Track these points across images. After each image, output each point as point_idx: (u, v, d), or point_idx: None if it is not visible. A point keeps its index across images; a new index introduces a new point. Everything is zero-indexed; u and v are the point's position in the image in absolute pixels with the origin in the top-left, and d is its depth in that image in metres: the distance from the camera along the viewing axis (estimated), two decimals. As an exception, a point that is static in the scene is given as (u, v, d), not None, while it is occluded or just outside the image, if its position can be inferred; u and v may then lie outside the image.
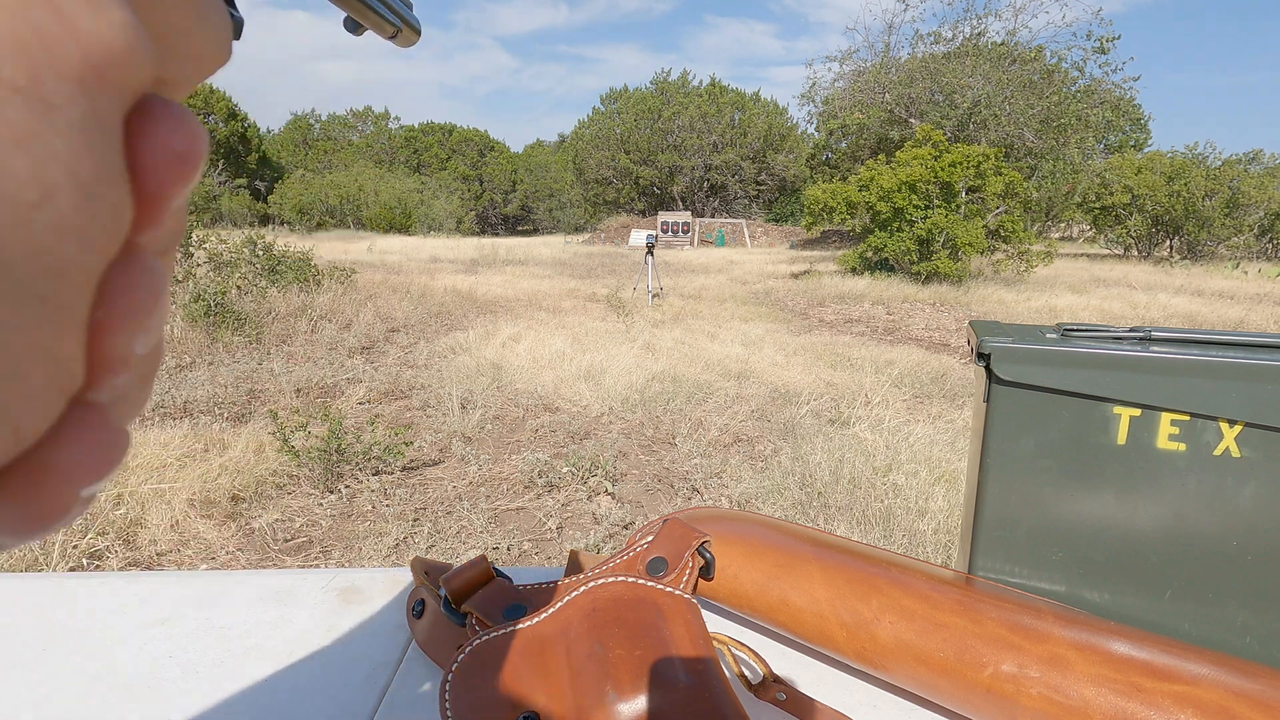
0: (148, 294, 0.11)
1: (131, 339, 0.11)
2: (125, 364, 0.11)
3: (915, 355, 5.81)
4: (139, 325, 0.11)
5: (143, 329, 0.11)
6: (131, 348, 0.11)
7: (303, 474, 3.14)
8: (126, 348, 0.11)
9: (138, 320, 0.11)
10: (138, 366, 0.12)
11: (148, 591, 0.61)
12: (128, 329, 0.11)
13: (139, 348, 0.11)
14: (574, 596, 0.48)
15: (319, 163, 42.62)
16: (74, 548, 2.38)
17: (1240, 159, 21.16)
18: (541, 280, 11.11)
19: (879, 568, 0.51)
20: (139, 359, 0.12)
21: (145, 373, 0.12)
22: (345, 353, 5.54)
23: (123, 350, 0.11)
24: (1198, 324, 7.89)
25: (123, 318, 0.11)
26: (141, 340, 0.11)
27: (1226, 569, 0.54)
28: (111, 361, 0.11)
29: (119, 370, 0.11)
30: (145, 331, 0.11)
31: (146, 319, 0.11)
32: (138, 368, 0.12)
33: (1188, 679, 0.40)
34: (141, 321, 0.11)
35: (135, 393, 0.12)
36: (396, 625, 0.57)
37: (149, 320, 0.11)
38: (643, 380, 4.67)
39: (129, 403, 0.12)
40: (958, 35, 23.35)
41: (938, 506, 2.76)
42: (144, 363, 0.12)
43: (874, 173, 12.03)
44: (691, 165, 33.09)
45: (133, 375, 0.12)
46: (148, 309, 0.11)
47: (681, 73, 36.76)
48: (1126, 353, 0.53)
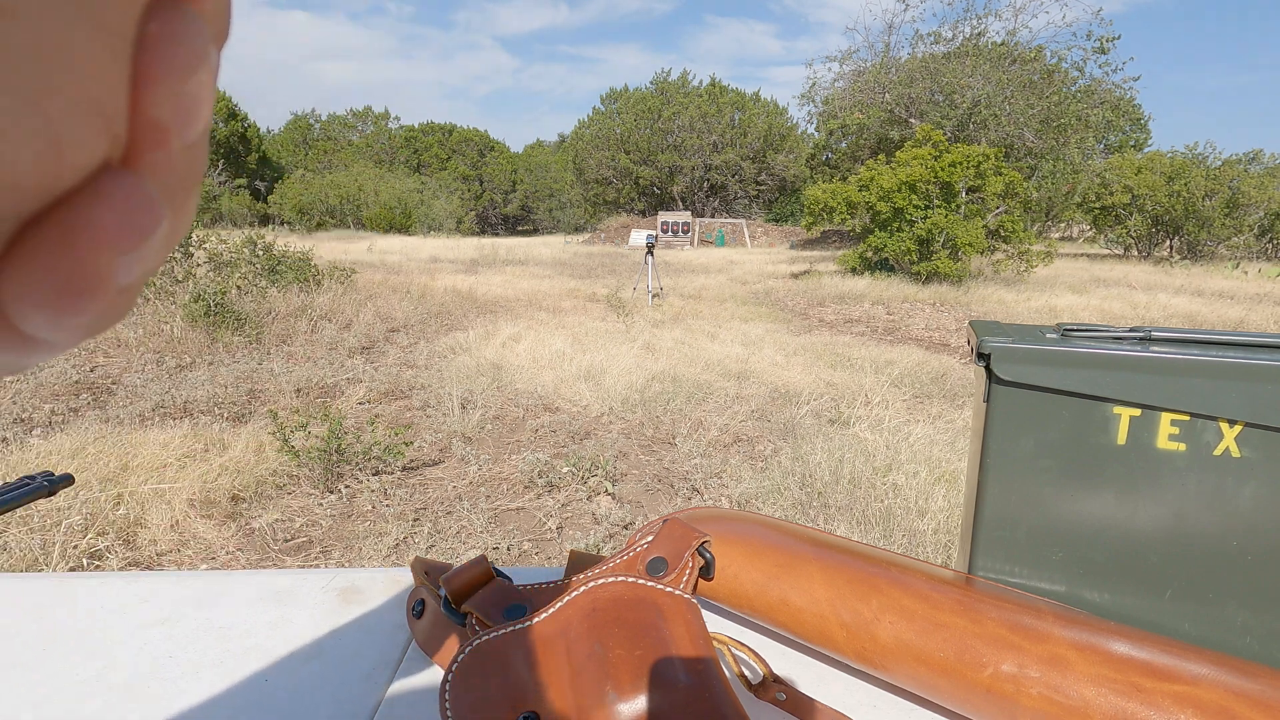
0: (190, 50, 0.11)
1: (174, 102, 0.11)
2: (165, 136, 0.11)
3: (915, 355, 5.81)
4: (181, 83, 0.11)
5: (185, 92, 0.11)
6: (175, 115, 0.11)
7: (303, 474, 3.14)
8: (169, 112, 0.11)
9: (180, 76, 0.11)
10: (179, 158, 0.12)
11: (148, 591, 0.61)
12: (171, 84, 0.11)
13: (182, 124, 0.11)
14: (574, 596, 0.48)
15: (319, 163, 42.62)
16: (74, 548, 2.38)
17: (1240, 159, 21.17)
18: (541, 280, 11.11)
19: (879, 568, 0.50)
20: (180, 149, 0.11)
21: (186, 173, 0.12)
22: (345, 353, 5.54)
23: (165, 114, 0.11)
24: (1198, 324, 7.89)
25: (166, 69, 0.10)
26: (184, 113, 0.11)
27: (1226, 569, 0.54)
28: (153, 127, 0.11)
29: (159, 142, 0.11)
30: (188, 99, 0.11)
31: (188, 78, 0.11)
32: (179, 159, 0.12)
33: (1188, 679, 0.40)
34: (184, 79, 0.11)
35: (176, 188, 0.12)
36: (396, 625, 0.57)
37: (191, 81, 0.11)
38: (643, 380, 4.67)
39: (169, 195, 0.12)
40: (958, 35, 23.36)
41: (938, 506, 2.76)
42: (185, 160, 0.12)
43: (874, 173, 12.03)
44: (691, 165, 33.09)
45: (174, 163, 0.11)
46: (190, 67, 0.11)
47: (681, 73, 36.79)
48: (1126, 353, 0.53)
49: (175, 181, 0.12)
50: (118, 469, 2.90)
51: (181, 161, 0.12)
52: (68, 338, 0.11)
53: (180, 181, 0.12)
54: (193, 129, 0.11)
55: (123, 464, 2.94)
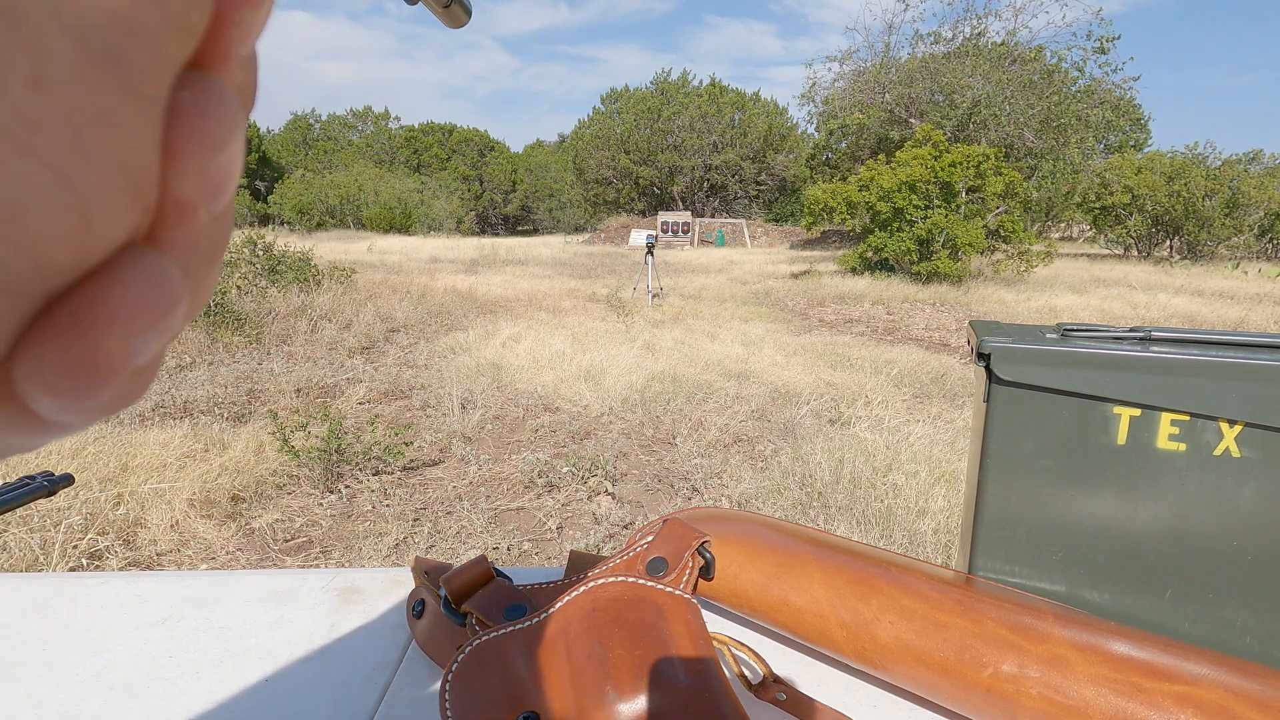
0: (221, 124, 0.10)
1: (203, 177, 0.11)
2: (193, 211, 0.11)
3: (915, 355, 5.81)
4: (211, 157, 0.10)
5: (214, 166, 0.11)
6: (202, 189, 0.11)
7: (303, 474, 3.14)
8: (197, 186, 0.11)
9: (211, 150, 0.10)
10: (205, 232, 0.11)
11: (148, 591, 0.61)
12: (200, 158, 0.10)
13: (209, 198, 0.11)
14: (574, 596, 0.48)
15: (319, 163, 42.63)
16: (74, 548, 2.38)
17: (1240, 159, 21.17)
18: (541, 280, 11.11)
19: (879, 568, 0.50)
20: (207, 222, 0.11)
21: (210, 246, 0.12)
22: (345, 353, 5.54)
23: (193, 189, 0.11)
24: (1198, 324, 7.89)
25: (196, 143, 0.10)
26: (212, 187, 0.11)
27: (1226, 569, 0.54)
28: (180, 203, 0.11)
29: (186, 218, 0.11)
30: (217, 173, 0.11)
31: (218, 152, 0.11)
32: (205, 233, 0.11)
33: (1188, 679, 0.40)
34: (214, 153, 0.11)
35: (199, 262, 0.12)
36: (396, 625, 0.57)
37: (220, 155, 0.11)
38: (643, 380, 4.67)
39: (191, 269, 0.11)
40: (958, 35, 23.35)
41: (938, 506, 2.76)
42: (210, 233, 0.11)
43: (874, 173, 12.03)
44: (691, 165, 33.09)
45: (199, 237, 0.11)
46: (221, 141, 0.11)
47: (681, 73, 36.77)
48: (1126, 353, 0.53)
49: (199, 256, 0.11)
50: (118, 469, 2.90)
51: (207, 235, 0.11)
52: (81, 420, 0.11)
53: (204, 255, 0.12)
54: (220, 202, 0.11)
55: (123, 464, 2.94)
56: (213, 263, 0.12)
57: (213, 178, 0.11)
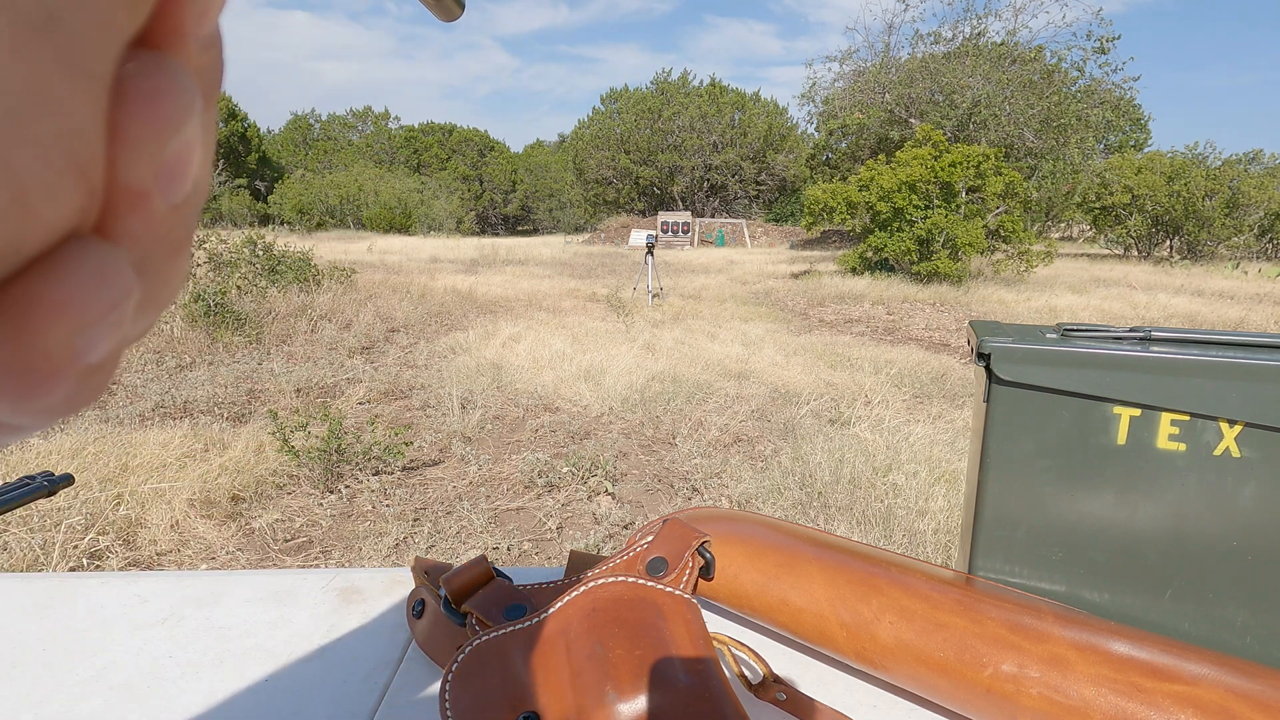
0: (175, 106, 0.10)
1: (156, 163, 0.10)
2: (145, 199, 0.10)
3: (915, 355, 5.81)
4: (164, 141, 0.10)
5: (169, 152, 0.10)
6: (156, 176, 0.10)
7: (303, 474, 3.14)
8: (149, 172, 0.10)
9: (164, 134, 0.10)
10: (164, 222, 0.10)
11: (148, 591, 0.61)
12: (152, 142, 0.10)
13: (165, 186, 0.10)
14: (574, 596, 0.48)
15: (319, 163, 42.63)
16: (74, 548, 2.38)
17: (1240, 159, 21.17)
18: (541, 280, 11.11)
19: (879, 568, 0.50)
20: (165, 212, 0.10)
21: (171, 236, 0.11)
22: (345, 353, 5.54)
23: (145, 175, 0.10)
24: (1198, 324, 7.89)
25: (147, 126, 0.09)
26: (168, 175, 0.10)
27: (1226, 569, 0.54)
28: (131, 190, 0.10)
29: (140, 206, 0.10)
30: (173, 160, 0.10)
31: (173, 136, 0.10)
32: (163, 223, 0.10)
33: (1188, 679, 0.40)
34: (168, 137, 0.10)
35: (158, 254, 0.11)
36: (396, 625, 0.57)
37: (176, 140, 0.10)
38: (643, 380, 4.67)
39: (150, 262, 0.11)
40: (958, 35, 23.35)
41: (938, 506, 2.76)
42: (170, 223, 0.11)
43: (874, 173, 12.03)
44: (691, 165, 33.09)
45: (156, 227, 0.10)
46: (175, 124, 0.10)
47: (682, 73, 36.80)
48: (1126, 353, 0.53)
49: (158, 247, 0.11)
50: (118, 469, 2.90)
51: (166, 225, 0.11)
52: (32, 421, 0.10)
53: (164, 246, 0.11)
54: (177, 190, 0.10)
55: (123, 464, 2.94)
56: (175, 256, 0.11)
57: (169, 164, 0.10)
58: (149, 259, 0.11)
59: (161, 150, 0.10)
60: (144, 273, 0.11)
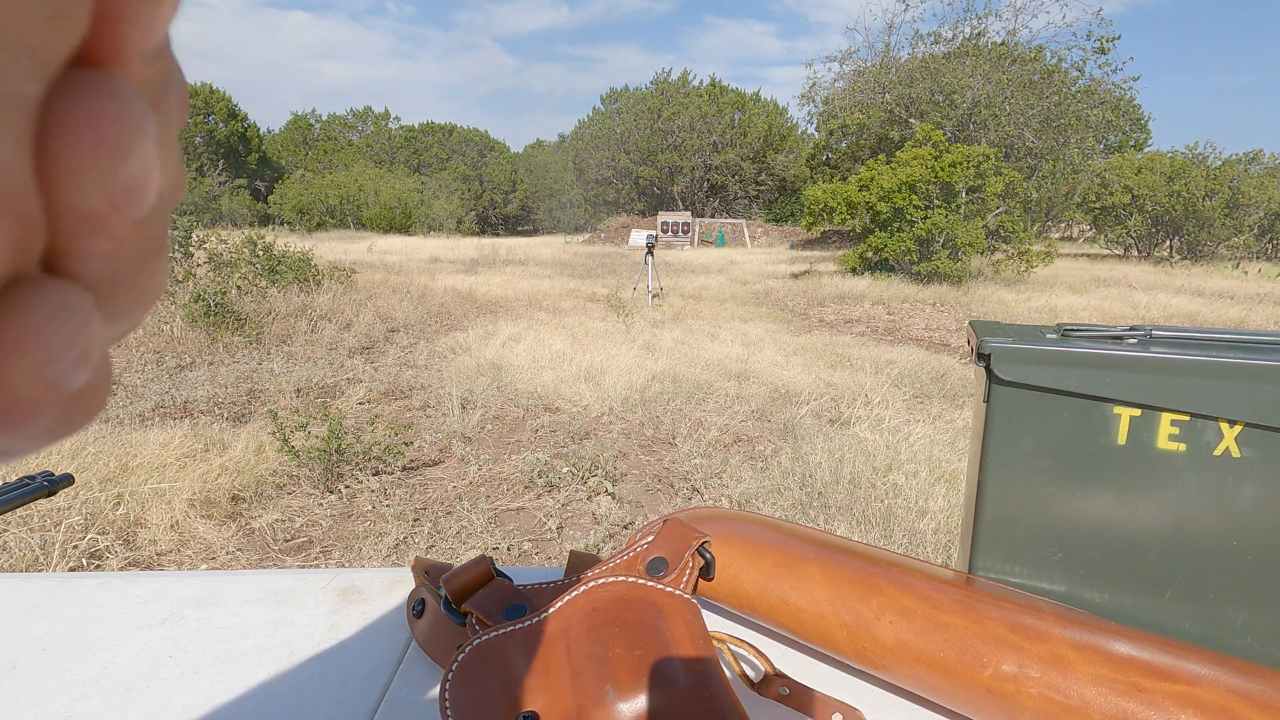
0: (121, 128, 0.09)
1: (108, 187, 0.09)
2: (101, 223, 0.10)
3: (915, 355, 5.81)
4: (113, 164, 0.09)
5: (122, 174, 0.09)
6: (111, 199, 0.09)
7: (303, 474, 3.14)
8: (101, 198, 0.09)
9: (111, 158, 0.09)
10: (128, 238, 0.10)
11: (148, 591, 0.61)
12: (100, 167, 0.09)
13: (124, 206, 0.10)
14: (574, 596, 0.48)
15: (319, 163, 42.63)
16: (74, 548, 2.38)
17: (1240, 159, 21.14)
18: (541, 280, 11.11)
19: (879, 568, 0.50)
20: (128, 228, 0.10)
21: (138, 250, 0.11)
22: (345, 353, 5.54)
23: (96, 202, 0.09)
24: (1198, 324, 7.88)
25: (92, 152, 0.09)
26: (124, 195, 0.10)
27: (1226, 569, 0.54)
28: (84, 218, 0.09)
29: (99, 229, 0.10)
30: (129, 181, 0.10)
31: (122, 159, 0.09)
32: (127, 239, 0.10)
33: (1188, 679, 0.40)
34: (117, 161, 0.09)
35: (126, 270, 0.10)
36: (396, 625, 0.57)
37: (127, 162, 0.09)
38: (643, 380, 4.67)
39: (119, 281, 0.10)
40: (958, 35, 23.32)
41: (938, 506, 2.76)
42: (135, 237, 0.10)
43: (874, 173, 12.03)
44: (691, 165, 33.09)
45: (119, 245, 0.10)
46: (124, 146, 0.09)
47: (682, 73, 36.77)
48: (1126, 353, 0.53)
49: (124, 263, 0.10)
50: (118, 469, 2.90)
51: (131, 240, 0.10)
52: (29, 446, 0.10)
53: (134, 256, 0.11)
54: (138, 207, 0.10)
55: (123, 464, 2.94)
56: (148, 265, 0.11)
57: (124, 185, 0.10)
58: (120, 273, 0.10)
59: (113, 176, 0.09)
60: (118, 281, 0.10)
